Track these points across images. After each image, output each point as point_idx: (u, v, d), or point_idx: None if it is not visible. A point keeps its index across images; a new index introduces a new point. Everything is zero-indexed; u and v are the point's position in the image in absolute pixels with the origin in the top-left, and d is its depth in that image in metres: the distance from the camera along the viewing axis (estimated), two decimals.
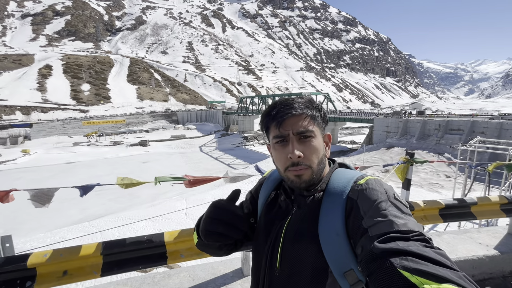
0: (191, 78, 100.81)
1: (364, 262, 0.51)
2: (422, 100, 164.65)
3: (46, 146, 40.08)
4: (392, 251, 0.47)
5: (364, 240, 0.53)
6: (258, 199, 0.82)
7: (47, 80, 65.35)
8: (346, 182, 0.64)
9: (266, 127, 0.71)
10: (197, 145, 44.33)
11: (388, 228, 0.51)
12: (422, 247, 0.46)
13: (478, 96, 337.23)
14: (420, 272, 0.42)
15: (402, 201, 0.59)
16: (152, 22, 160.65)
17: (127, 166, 29.37)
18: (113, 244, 1.48)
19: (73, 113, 55.03)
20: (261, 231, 0.73)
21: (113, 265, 1.47)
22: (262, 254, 0.70)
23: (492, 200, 2.31)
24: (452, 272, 0.41)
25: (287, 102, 0.68)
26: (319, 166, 0.67)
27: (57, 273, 1.36)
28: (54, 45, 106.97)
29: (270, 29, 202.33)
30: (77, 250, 1.42)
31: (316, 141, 0.67)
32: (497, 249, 2.39)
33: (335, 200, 0.62)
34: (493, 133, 19.88)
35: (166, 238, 1.58)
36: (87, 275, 1.41)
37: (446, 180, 16.05)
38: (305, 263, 0.61)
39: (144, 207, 14.87)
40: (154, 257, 1.54)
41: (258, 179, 0.84)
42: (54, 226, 12.32)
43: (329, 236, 0.59)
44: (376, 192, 0.59)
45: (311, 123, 0.66)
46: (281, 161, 0.66)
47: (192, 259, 1.61)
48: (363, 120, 34.63)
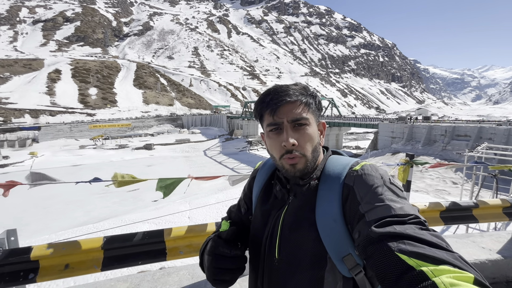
0: (196, 82, 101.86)
1: (362, 246, 0.52)
2: (428, 106, 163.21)
3: (53, 148, 40.76)
4: (389, 235, 0.47)
5: (361, 225, 0.54)
6: (252, 192, 0.81)
7: (56, 84, 66.72)
8: (342, 169, 0.64)
9: (260, 115, 0.70)
10: (201, 149, 44.53)
11: (385, 212, 0.52)
12: (418, 230, 0.47)
13: (486, 102, 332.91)
14: (417, 254, 0.42)
15: (397, 185, 0.59)
16: (159, 28, 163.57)
17: (131, 169, 29.57)
18: (114, 239, 1.51)
19: (80, 117, 55.91)
20: (258, 222, 0.73)
21: (114, 260, 1.50)
22: (259, 245, 0.69)
23: (495, 203, 2.29)
24: (448, 254, 0.42)
25: (282, 89, 0.66)
26: (313, 154, 0.66)
27: (59, 266, 1.40)
28: (63, 50, 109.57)
29: (275, 35, 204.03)
30: (79, 244, 1.46)
31: (311, 129, 0.66)
32: (500, 254, 2.35)
33: (331, 187, 0.62)
34: (501, 139, 19.56)
35: (165, 234, 1.61)
36: (88, 269, 1.45)
37: (453, 187, 15.79)
38: (304, 251, 0.61)
39: (148, 210, 14.95)
40: (154, 253, 1.57)
41: None
42: (58, 228, 12.44)
43: (326, 222, 0.59)
44: (372, 177, 0.59)
45: (305, 110, 0.65)
46: (276, 149, 0.66)
47: (191, 256, 1.63)
48: (368, 125, 34.44)
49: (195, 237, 1.66)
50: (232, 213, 0.84)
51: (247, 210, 0.81)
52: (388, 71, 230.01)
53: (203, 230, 1.66)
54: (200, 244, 1.66)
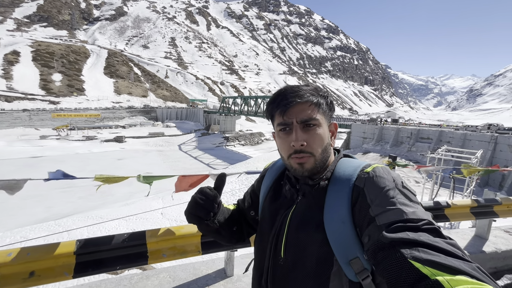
0: (172, 74, 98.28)
1: (372, 251, 0.50)
2: (396, 109, 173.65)
3: (9, 138, 36.95)
4: (402, 241, 0.45)
5: (371, 229, 0.52)
6: (260, 190, 0.82)
7: (14, 68, 60.36)
8: (353, 170, 0.63)
9: (271, 115, 0.70)
10: (176, 143, 43.22)
11: (397, 216, 0.50)
12: (433, 237, 0.45)
13: (445, 108, 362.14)
14: (432, 263, 0.40)
15: (410, 189, 0.57)
16: (133, 14, 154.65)
17: (100, 163, 27.89)
18: (88, 243, 1.36)
19: (41, 104, 51.17)
20: (265, 221, 0.73)
21: (87, 265, 1.35)
22: (266, 243, 0.69)
23: (464, 203, 2.46)
24: (465, 264, 0.40)
25: (292, 90, 0.66)
26: (323, 155, 0.66)
27: (22, 274, 1.23)
28: (23, 30, 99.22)
29: (255, 31, 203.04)
30: (47, 249, 1.29)
31: (321, 130, 0.65)
32: (466, 250, 2.54)
33: (341, 188, 0.61)
34: (458, 142, 21.41)
35: (147, 236, 1.49)
36: (57, 276, 1.29)
37: (415, 185, 17.00)
38: (310, 252, 0.60)
39: (118, 206, 14.21)
40: (134, 256, 1.45)
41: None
42: (15, 225, 11.37)
43: (334, 224, 0.58)
44: (383, 180, 0.57)
45: (315, 111, 0.65)
46: (285, 149, 0.66)
47: (174, 258, 1.53)
48: (342, 125, 35.74)
49: (180, 239, 1.56)
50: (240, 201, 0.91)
51: (250, 205, 0.84)
52: (362, 74, 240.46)
53: (189, 231, 1.56)
54: (185, 245, 1.56)
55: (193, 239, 1.59)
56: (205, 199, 0.68)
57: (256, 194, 0.83)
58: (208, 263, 2.06)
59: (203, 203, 0.67)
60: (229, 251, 1.87)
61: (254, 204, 0.83)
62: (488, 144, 19.98)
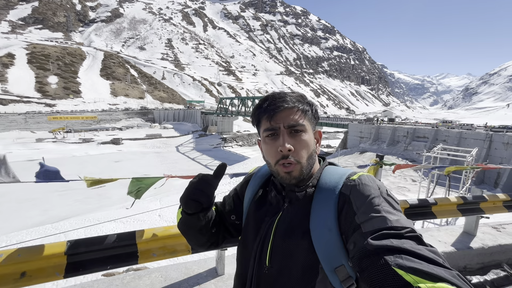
0: (169, 76, 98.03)
1: (357, 258, 0.50)
2: (393, 109, 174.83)
3: (4, 141, 36.67)
4: (386, 248, 0.46)
5: (356, 236, 0.52)
6: (244, 196, 0.80)
7: (9, 70, 59.92)
8: (338, 178, 0.64)
9: (257, 121, 0.69)
10: (173, 145, 43.16)
11: (381, 224, 0.51)
12: (416, 245, 0.46)
13: (442, 107, 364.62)
14: (414, 270, 0.41)
15: (394, 197, 0.59)
16: (129, 16, 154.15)
17: (97, 165, 27.77)
18: (79, 243, 1.40)
19: (37, 107, 50.86)
20: (250, 228, 0.72)
21: (79, 265, 1.38)
22: (250, 251, 0.68)
23: (451, 200, 2.52)
24: (446, 271, 0.41)
25: (279, 96, 0.67)
26: (309, 161, 0.66)
27: (13, 275, 1.25)
28: (18, 32, 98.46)
29: (251, 32, 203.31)
30: (38, 250, 1.32)
31: (307, 136, 0.66)
32: (454, 246, 2.60)
33: (327, 196, 0.61)
34: (454, 141, 21.60)
35: (137, 237, 1.53)
36: (48, 276, 1.32)
37: (412, 184, 17.16)
38: (296, 260, 0.60)
39: (115, 209, 14.17)
40: (124, 256, 1.48)
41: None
42: (11, 229, 11.30)
43: (321, 232, 0.58)
44: (369, 188, 0.58)
45: (302, 117, 0.66)
46: (271, 154, 0.65)
47: (165, 258, 1.57)
48: (339, 125, 35.91)
49: (169, 239, 1.60)
50: None
51: (232, 209, 0.81)
52: (358, 74, 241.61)
53: (179, 231, 1.60)
54: (175, 245, 1.60)
55: (183, 238, 1.62)
56: (206, 185, 0.67)
57: (240, 199, 0.81)
58: (200, 263, 2.09)
59: (205, 187, 0.66)
60: (220, 251, 1.91)
61: (236, 208, 0.81)
62: (483, 142, 20.18)
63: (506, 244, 2.71)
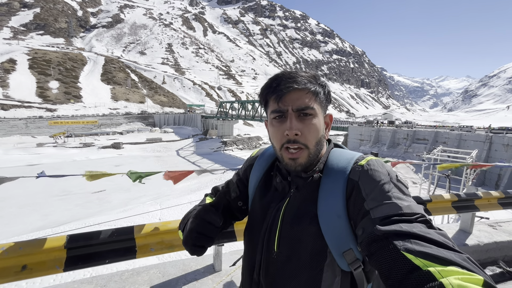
0: (169, 80, 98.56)
1: (365, 243, 0.50)
2: (393, 111, 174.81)
3: (5, 146, 36.80)
4: (395, 233, 0.46)
5: (365, 222, 0.52)
6: (249, 181, 0.78)
7: (10, 76, 60.33)
8: (346, 163, 0.62)
9: (265, 101, 0.66)
10: (174, 148, 43.21)
11: (392, 210, 0.50)
12: (425, 229, 0.45)
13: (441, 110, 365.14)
14: (424, 254, 0.41)
15: (403, 181, 0.57)
16: (130, 21, 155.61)
17: (98, 169, 27.64)
18: (78, 238, 1.44)
19: (38, 112, 51.06)
20: (256, 214, 0.71)
21: (78, 259, 1.42)
22: (258, 238, 0.67)
23: (445, 198, 2.55)
24: (456, 254, 0.40)
25: (290, 75, 0.62)
26: (317, 147, 0.63)
27: (15, 268, 1.29)
28: (19, 38, 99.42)
29: (251, 36, 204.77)
30: (38, 244, 1.36)
31: (316, 120, 0.62)
32: None
33: (335, 181, 0.60)
34: (454, 143, 21.64)
35: (136, 231, 1.56)
36: (48, 269, 1.36)
37: (412, 186, 17.13)
38: (304, 245, 0.60)
39: (115, 213, 14.16)
40: (122, 251, 1.52)
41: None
42: (11, 234, 11.30)
43: (329, 218, 0.57)
44: (378, 173, 0.56)
45: (312, 100, 0.62)
46: (277, 138, 0.63)
47: (162, 253, 1.60)
48: (339, 128, 35.98)
49: (167, 234, 1.63)
50: (218, 193, 0.82)
51: (237, 195, 0.79)
52: (358, 77, 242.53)
53: (176, 226, 1.63)
54: (173, 240, 1.64)
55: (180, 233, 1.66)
56: (210, 228, 0.65)
57: (244, 184, 0.79)
58: (197, 259, 2.12)
59: (208, 231, 0.65)
60: (216, 246, 1.95)
61: (242, 194, 0.79)
62: (483, 144, 20.20)
63: (502, 241, 2.74)
